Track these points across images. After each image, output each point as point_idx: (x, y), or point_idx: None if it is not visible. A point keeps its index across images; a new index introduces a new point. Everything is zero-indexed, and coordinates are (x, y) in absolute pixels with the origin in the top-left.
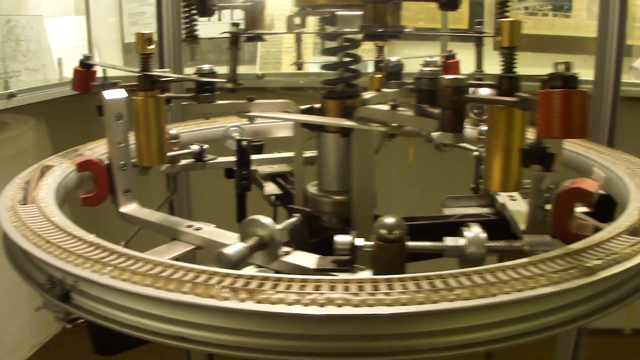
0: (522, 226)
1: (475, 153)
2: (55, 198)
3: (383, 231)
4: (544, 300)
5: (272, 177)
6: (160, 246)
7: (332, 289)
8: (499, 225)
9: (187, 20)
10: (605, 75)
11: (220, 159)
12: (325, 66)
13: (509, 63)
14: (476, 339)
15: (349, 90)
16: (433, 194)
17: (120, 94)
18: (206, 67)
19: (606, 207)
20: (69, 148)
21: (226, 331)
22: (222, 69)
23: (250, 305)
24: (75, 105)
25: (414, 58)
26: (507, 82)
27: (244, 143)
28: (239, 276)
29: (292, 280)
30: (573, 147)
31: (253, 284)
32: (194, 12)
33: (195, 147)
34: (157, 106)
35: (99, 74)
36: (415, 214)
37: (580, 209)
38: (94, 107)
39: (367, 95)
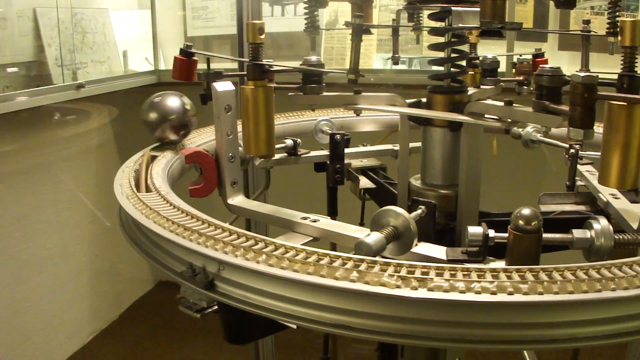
0: (634, 225)
1: (572, 151)
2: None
3: (521, 222)
4: None
5: (363, 171)
6: (277, 237)
7: (495, 277)
8: None
9: (308, 11)
10: None
11: (313, 153)
12: (432, 61)
13: (629, 62)
14: (617, 330)
15: (456, 85)
16: (495, 190)
17: (229, 86)
18: (314, 58)
19: None
20: (132, 140)
21: (395, 319)
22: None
23: (423, 294)
24: (140, 97)
25: (505, 55)
26: (628, 80)
27: (338, 137)
28: (400, 265)
29: (454, 269)
30: None
31: (417, 272)
32: (313, 3)
33: (289, 142)
34: (266, 95)
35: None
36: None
37: None
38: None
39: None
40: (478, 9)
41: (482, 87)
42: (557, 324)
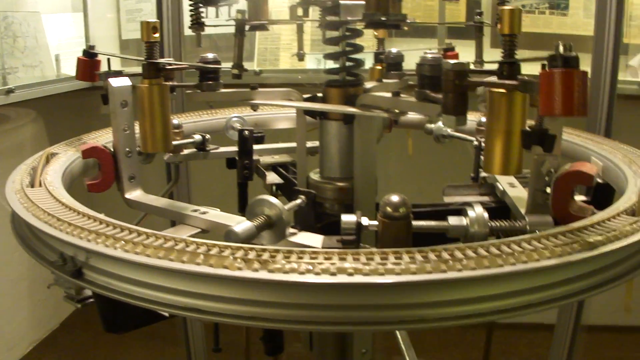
0: (523, 211)
1: (475, 143)
2: (62, 183)
3: (389, 209)
4: (548, 272)
5: (273, 167)
6: (167, 229)
7: (342, 259)
8: (500, 212)
9: (192, 7)
10: (603, 73)
11: (222, 149)
12: (327, 55)
13: (509, 49)
14: (482, 310)
15: (351, 79)
16: (431, 186)
17: (125, 81)
18: (210, 55)
19: (604, 196)
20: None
21: (239, 302)
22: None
23: (263, 275)
24: (73, 101)
25: (414, 50)
26: (508, 67)
27: (246, 133)
28: (251, 248)
29: (303, 252)
30: (571, 137)
31: (265, 256)
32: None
33: (197, 137)
34: (161, 93)
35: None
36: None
37: (578, 198)
38: (91, 103)
39: (368, 85)
40: None
41: (384, 80)
42: (401, 306)
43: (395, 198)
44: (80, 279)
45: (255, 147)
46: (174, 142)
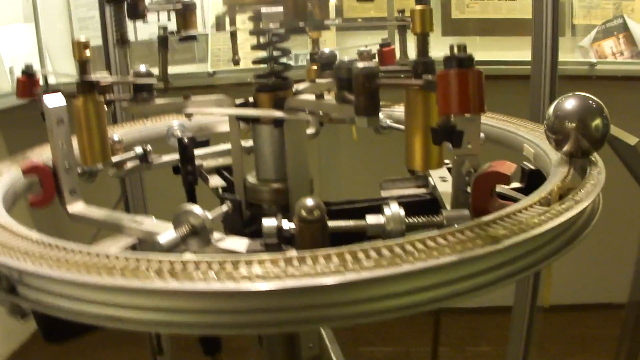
0: (449, 208)
1: None
2: (4, 201)
3: (303, 212)
4: (447, 269)
5: (217, 170)
6: (104, 239)
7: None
8: (433, 205)
9: (116, 24)
10: (543, 55)
11: (165, 157)
12: (256, 61)
13: (422, 48)
14: (381, 308)
15: (280, 82)
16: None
17: (60, 101)
18: (142, 68)
19: (537, 183)
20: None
21: (154, 310)
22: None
23: (172, 285)
24: (31, 113)
25: (351, 48)
26: (422, 66)
27: (185, 141)
28: (162, 260)
29: (211, 261)
30: (504, 124)
31: (177, 267)
32: (120, 15)
33: (139, 150)
34: (96, 108)
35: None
36: (362, 196)
37: (512, 185)
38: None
39: (300, 86)
40: None
41: (317, 81)
42: (301, 307)
43: (309, 202)
44: (15, 295)
45: (198, 151)
46: (117, 158)
